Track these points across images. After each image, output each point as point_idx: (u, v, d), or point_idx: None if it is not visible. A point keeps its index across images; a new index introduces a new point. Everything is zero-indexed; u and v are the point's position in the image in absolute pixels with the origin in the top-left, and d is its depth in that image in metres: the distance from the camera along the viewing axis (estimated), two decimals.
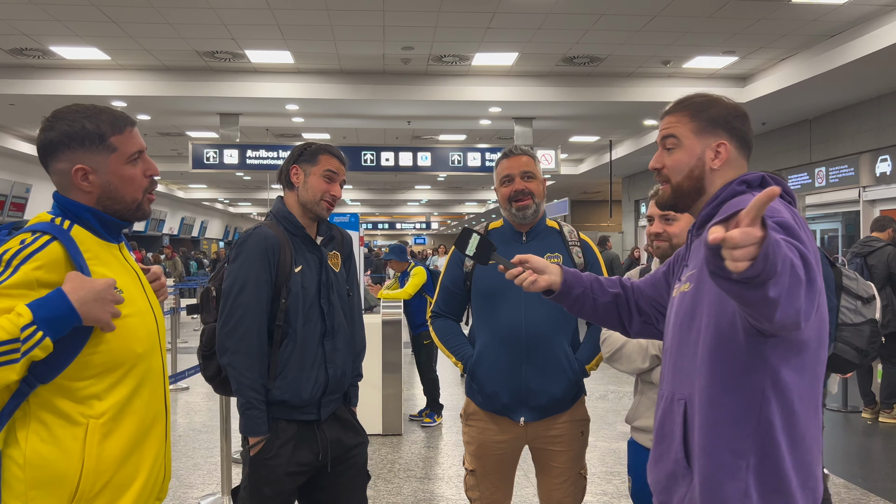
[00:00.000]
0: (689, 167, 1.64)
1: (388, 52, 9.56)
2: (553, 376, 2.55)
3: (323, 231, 2.54)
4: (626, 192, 20.33)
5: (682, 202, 1.68)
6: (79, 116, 1.64)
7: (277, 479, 2.33)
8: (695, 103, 1.67)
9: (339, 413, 2.51)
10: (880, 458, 5.61)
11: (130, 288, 1.66)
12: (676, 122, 1.67)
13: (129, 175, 1.66)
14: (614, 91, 10.82)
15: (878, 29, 8.05)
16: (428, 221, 41.34)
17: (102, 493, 1.58)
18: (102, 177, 1.64)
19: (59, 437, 1.54)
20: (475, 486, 2.66)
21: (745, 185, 1.59)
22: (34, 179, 16.68)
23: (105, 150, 1.63)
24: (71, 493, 1.53)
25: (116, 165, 1.64)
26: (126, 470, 1.62)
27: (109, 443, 1.59)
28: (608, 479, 4.83)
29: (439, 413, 6.59)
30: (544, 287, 1.83)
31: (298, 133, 14.63)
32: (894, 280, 6.35)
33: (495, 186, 2.71)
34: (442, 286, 2.77)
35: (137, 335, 1.64)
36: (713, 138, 1.64)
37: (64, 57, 9.59)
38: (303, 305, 2.39)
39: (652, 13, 8.00)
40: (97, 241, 1.65)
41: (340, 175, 2.50)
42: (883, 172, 10.43)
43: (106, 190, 1.64)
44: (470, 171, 12.53)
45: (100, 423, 1.57)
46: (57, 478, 1.53)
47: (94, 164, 1.63)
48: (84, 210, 1.64)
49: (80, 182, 1.63)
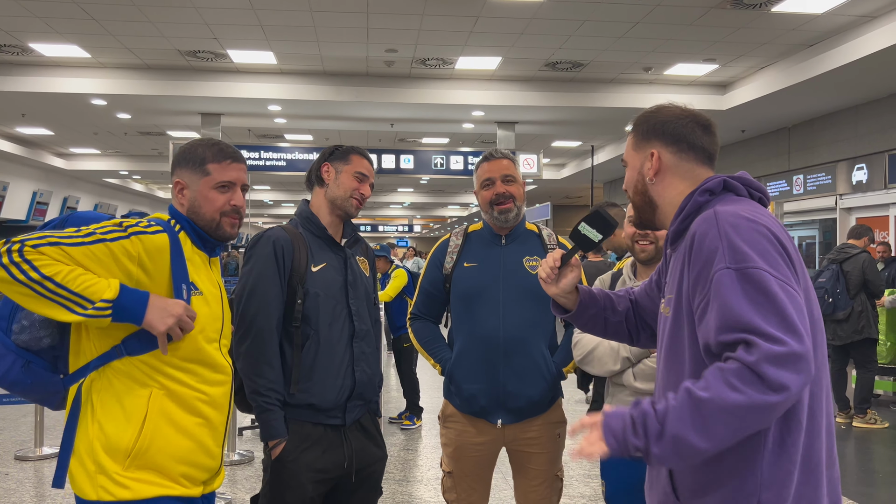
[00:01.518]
0: (633, 182, 1.64)
1: (372, 55, 9.56)
2: (530, 379, 2.56)
3: (348, 233, 2.52)
4: (608, 198, 20.46)
5: (644, 218, 1.66)
6: (198, 144, 1.99)
7: (300, 485, 2.25)
8: (637, 120, 1.65)
9: (365, 423, 2.46)
10: (853, 462, 5.69)
11: (209, 293, 1.93)
12: (627, 143, 1.67)
13: (212, 197, 1.94)
14: (596, 97, 10.90)
15: (855, 39, 8.17)
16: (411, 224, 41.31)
17: (154, 459, 1.78)
18: (192, 193, 1.94)
19: (125, 397, 1.78)
20: (452, 488, 2.67)
21: (709, 194, 1.52)
22: (12, 177, 16.46)
23: (201, 173, 1.94)
24: (128, 449, 1.76)
25: (205, 187, 1.93)
26: (181, 443, 1.82)
27: (167, 413, 1.80)
28: (586, 483, 4.85)
29: (419, 416, 6.59)
30: (563, 304, 1.79)
31: (281, 134, 14.58)
32: (869, 286, 6.45)
33: (475, 189, 2.71)
34: (421, 288, 2.77)
35: (205, 330, 1.88)
36: (648, 148, 1.60)
37: (43, 54, 9.49)
38: (325, 305, 2.34)
39: (634, 20, 8.06)
40: (194, 249, 1.93)
41: (370, 178, 2.50)
42: (859, 181, 10.58)
43: (192, 205, 1.94)
44: (453, 174, 12.56)
45: (162, 394, 1.81)
46: (118, 433, 1.76)
47: (189, 181, 1.94)
48: (184, 220, 1.94)
49: (177, 194, 1.95)
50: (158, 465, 1.79)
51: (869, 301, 6.50)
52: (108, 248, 1.72)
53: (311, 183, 2.52)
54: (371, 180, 2.51)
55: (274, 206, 30.83)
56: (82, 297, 1.66)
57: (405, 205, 30.31)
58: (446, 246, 2.72)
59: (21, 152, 15.63)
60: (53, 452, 5.38)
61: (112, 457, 1.76)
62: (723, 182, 1.54)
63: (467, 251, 2.67)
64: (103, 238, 1.73)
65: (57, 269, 1.65)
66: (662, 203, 1.60)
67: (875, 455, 5.85)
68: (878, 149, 10.22)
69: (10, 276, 1.62)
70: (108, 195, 22.66)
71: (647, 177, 1.60)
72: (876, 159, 10.23)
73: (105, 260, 1.72)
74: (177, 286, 1.81)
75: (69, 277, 1.65)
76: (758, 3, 7.48)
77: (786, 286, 1.34)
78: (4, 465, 5.21)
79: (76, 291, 1.65)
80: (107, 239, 1.73)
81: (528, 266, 2.62)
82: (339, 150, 2.51)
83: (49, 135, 14.65)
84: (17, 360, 1.81)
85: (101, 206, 22.14)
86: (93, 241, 1.71)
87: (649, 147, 1.60)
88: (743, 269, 1.35)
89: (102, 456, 1.75)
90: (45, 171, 17.90)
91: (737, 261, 1.36)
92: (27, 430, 5.99)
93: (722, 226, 1.40)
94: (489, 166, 2.64)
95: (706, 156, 1.59)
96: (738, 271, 1.35)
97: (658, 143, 1.59)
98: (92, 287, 1.67)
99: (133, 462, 1.76)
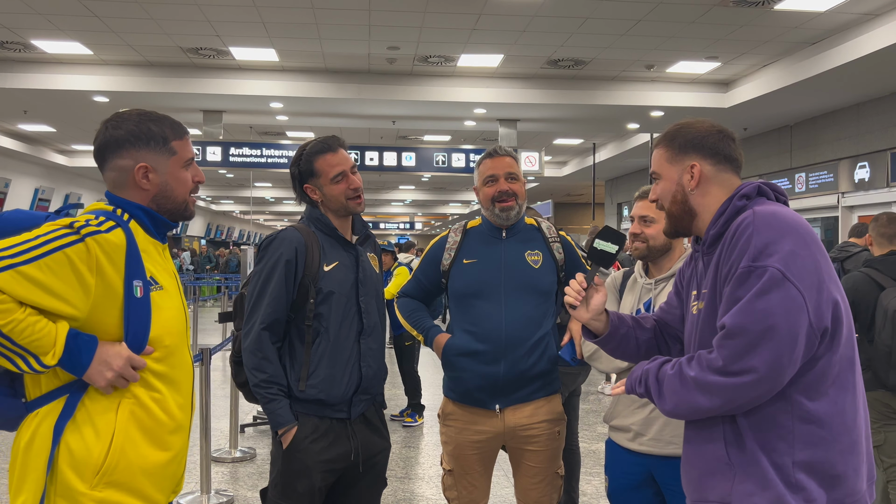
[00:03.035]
0: (671, 193, 1.77)
1: (374, 52, 9.56)
2: (530, 365, 2.57)
3: (358, 230, 2.54)
4: (609, 195, 20.44)
5: (680, 226, 1.79)
6: (144, 119, 1.79)
7: (309, 474, 2.30)
8: (667, 134, 1.80)
9: (369, 415, 2.49)
10: None
11: (168, 285, 1.78)
12: (656, 157, 1.81)
13: (183, 178, 1.80)
14: (598, 94, 10.88)
15: (858, 37, 8.16)
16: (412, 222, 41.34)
17: (123, 473, 1.65)
18: (161, 177, 1.77)
19: (93, 413, 1.65)
20: (453, 486, 2.67)
21: (745, 199, 1.68)
22: (13, 174, 16.48)
23: (167, 153, 1.78)
24: (96, 468, 1.62)
25: (174, 168, 1.79)
26: (149, 454, 1.70)
27: (136, 423, 1.68)
28: (587, 480, 4.86)
29: (420, 413, 6.60)
30: (594, 328, 1.91)
31: (282, 131, 14.58)
32: None
33: (476, 185, 2.71)
34: (414, 276, 2.80)
35: (170, 329, 1.76)
36: (686, 161, 1.75)
37: (45, 51, 9.49)
38: (337, 303, 2.37)
39: (636, 18, 8.05)
40: (147, 239, 1.76)
41: (347, 165, 2.42)
42: (861, 179, 10.57)
43: (163, 189, 1.77)
44: (454, 171, 12.55)
45: (130, 403, 1.67)
46: (87, 452, 1.62)
47: (155, 163, 1.76)
48: (137, 208, 1.75)
49: (140, 179, 1.75)
50: (128, 481, 1.66)
51: None
52: (65, 256, 1.56)
53: (308, 205, 2.50)
54: (349, 167, 2.41)
55: (275, 204, 30.85)
56: (27, 352, 1.54)
57: (406, 202, 30.31)
58: (444, 242, 2.72)
59: (23, 149, 15.65)
60: None
61: (79, 474, 1.61)
62: (757, 188, 1.70)
63: (466, 247, 2.67)
64: (59, 246, 1.56)
65: (8, 319, 1.51)
66: (702, 211, 1.74)
67: None
68: (880, 147, 10.20)
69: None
70: None
71: (689, 187, 1.74)
72: (878, 157, 10.22)
73: (62, 272, 1.55)
74: (128, 286, 1.65)
75: (17, 329, 1.52)
76: (760, 1, 7.47)
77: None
78: (5, 461, 5.22)
79: (22, 346, 1.53)
80: (62, 245, 1.56)
81: (530, 260, 2.63)
82: (306, 169, 2.42)
83: (51, 132, 14.66)
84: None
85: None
86: (47, 251, 1.55)
87: (688, 160, 1.75)
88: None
89: (69, 474, 1.61)
90: (47, 168, 17.93)
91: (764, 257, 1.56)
92: None
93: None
94: (493, 163, 2.64)
95: (737, 165, 1.77)
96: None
97: (697, 156, 1.74)
98: (38, 341, 1.54)
99: (101, 479, 1.63)
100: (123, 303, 1.65)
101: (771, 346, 1.49)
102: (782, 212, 1.60)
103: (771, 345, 1.48)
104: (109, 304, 1.64)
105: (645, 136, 13.87)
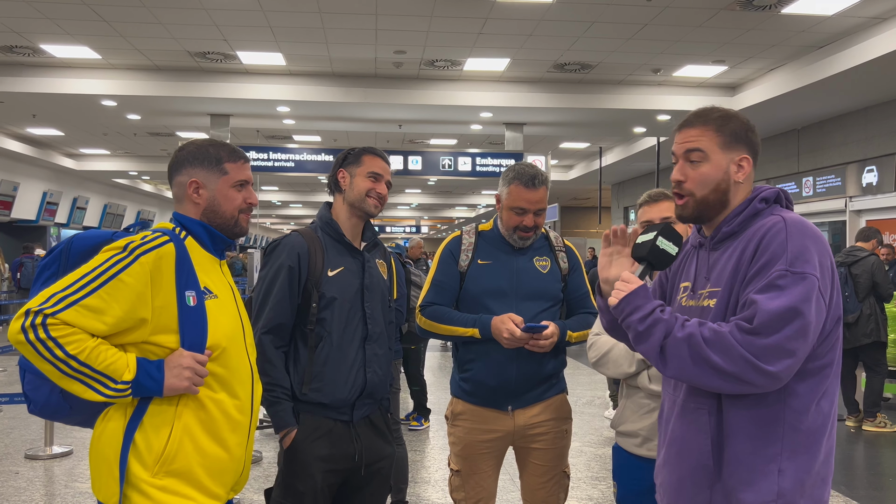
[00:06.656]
0: (716, 181, 1.69)
1: (380, 56, 9.58)
2: (540, 366, 2.60)
3: (368, 237, 2.56)
4: (616, 199, 20.42)
5: (705, 214, 1.73)
6: (205, 143, 2.00)
7: (310, 474, 2.32)
8: (718, 117, 1.71)
9: (374, 420, 2.50)
10: (863, 466, 5.66)
11: (223, 295, 1.94)
12: (700, 135, 1.70)
13: (232, 196, 1.97)
14: (605, 98, 10.88)
15: (865, 41, 8.14)
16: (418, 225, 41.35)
17: (182, 464, 1.77)
18: (210, 192, 1.95)
19: (156, 412, 1.78)
20: (460, 487, 2.68)
21: (764, 203, 1.68)
22: (22, 178, 16.57)
23: (218, 172, 1.96)
24: (157, 457, 1.75)
25: (224, 186, 1.96)
26: (207, 448, 1.82)
27: (195, 419, 1.81)
28: (594, 485, 4.85)
29: (427, 417, 6.59)
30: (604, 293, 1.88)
31: (289, 135, 14.62)
32: (878, 290, 6.42)
33: (502, 201, 2.64)
34: (433, 281, 2.70)
35: (227, 334, 1.89)
36: (737, 153, 1.70)
37: (54, 55, 9.55)
38: (340, 308, 2.39)
39: (643, 22, 8.05)
40: (203, 254, 1.93)
41: (385, 176, 2.53)
42: (869, 183, 10.53)
43: (211, 204, 1.95)
44: (460, 175, 12.54)
45: (189, 400, 1.81)
46: (148, 445, 1.76)
47: (206, 180, 1.95)
48: (195, 223, 1.93)
49: (192, 194, 1.94)
50: (186, 472, 1.78)
51: (878, 304, 6.47)
52: (121, 282, 1.71)
53: (331, 190, 2.56)
54: (386, 178, 2.53)
55: (282, 207, 30.91)
56: (104, 376, 1.69)
57: (413, 206, 30.34)
58: (459, 243, 2.71)
59: (32, 153, 15.74)
60: (63, 451, 5.41)
61: (143, 464, 1.75)
62: (777, 194, 1.70)
63: (481, 249, 2.69)
64: (113, 274, 1.72)
65: (82, 347, 1.67)
66: (733, 204, 1.71)
67: (884, 458, 5.82)
68: (888, 151, 10.17)
69: (37, 354, 1.66)
70: (117, 195, 22.77)
71: (734, 179, 1.70)
72: (886, 161, 10.19)
73: (120, 295, 1.71)
74: (181, 295, 1.79)
75: (92, 355, 1.68)
76: (767, 5, 7.46)
77: None
78: (14, 464, 5.24)
79: (98, 370, 1.68)
80: (117, 271, 1.72)
81: (538, 265, 2.67)
82: (351, 154, 2.55)
83: (59, 135, 14.74)
84: (55, 387, 1.81)
85: (111, 207, 22.26)
86: (104, 280, 1.71)
87: (739, 152, 1.70)
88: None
89: (134, 465, 1.75)
90: (56, 172, 18.01)
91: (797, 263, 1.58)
92: (37, 429, 6.03)
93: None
94: (528, 195, 2.56)
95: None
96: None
97: (746, 150, 1.71)
98: (113, 365, 1.70)
99: (161, 468, 1.76)
100: (178, 311, 1.79)
101: (804, 347, 1.53)
102: (806, 220, 1.63)
103: (804, 346, 1.53)
104: (167, 313, 1.78)
105: (651, 140, 13.85)
